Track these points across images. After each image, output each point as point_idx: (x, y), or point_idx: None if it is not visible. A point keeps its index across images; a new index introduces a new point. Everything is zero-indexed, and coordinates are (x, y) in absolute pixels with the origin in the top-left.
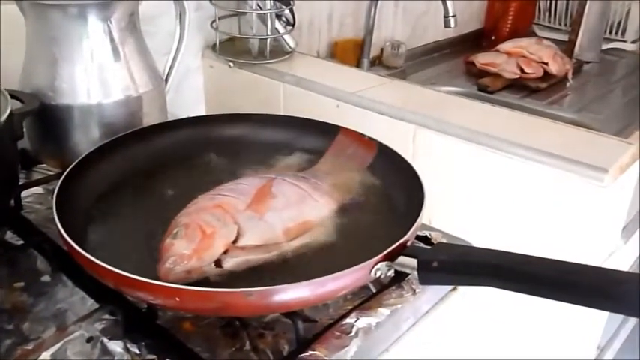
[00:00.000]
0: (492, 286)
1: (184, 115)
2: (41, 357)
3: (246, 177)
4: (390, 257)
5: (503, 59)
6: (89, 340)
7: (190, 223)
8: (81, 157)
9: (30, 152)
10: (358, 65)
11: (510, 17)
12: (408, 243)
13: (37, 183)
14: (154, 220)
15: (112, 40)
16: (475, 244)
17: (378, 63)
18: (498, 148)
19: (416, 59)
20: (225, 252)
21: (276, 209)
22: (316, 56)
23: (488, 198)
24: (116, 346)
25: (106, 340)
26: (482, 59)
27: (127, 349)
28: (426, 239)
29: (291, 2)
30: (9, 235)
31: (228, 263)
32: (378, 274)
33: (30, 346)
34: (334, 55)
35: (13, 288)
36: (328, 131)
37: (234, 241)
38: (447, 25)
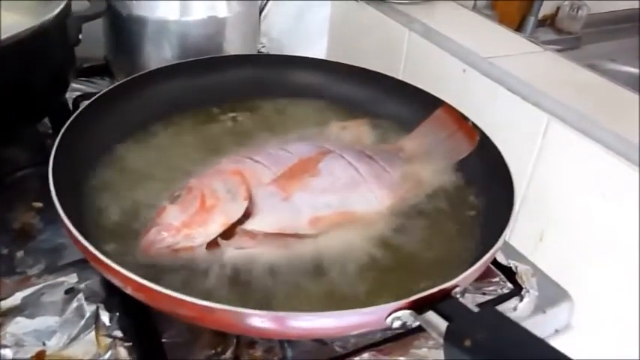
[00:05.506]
0: None
1: (301, 49)
2: (13, 297)
3: (297, 142)
4: (419, 306)
5: None
6: (68, 291)
7: (194, 187)
8: (114, 85)
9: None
10: (522, 24)
11: None
12: (456, 290)
13: (92, 95)
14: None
15: None
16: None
17: (549, 24)
18: None
19: (598, 27)
20: (230, 236)
21: (312, 190)
22: (472, 7)
23: (620, 232)
24: (89, 309)
25: (83, 298)
26: None
27: (96, 318)
28: (509, 272)
29: None
30: None
31: (229, 253)
32: (397, 325)
33: (7, 281)
34: (495, 7)
35: (31, 207)
36: (425, 103)
37: (240, 222)
38: None
